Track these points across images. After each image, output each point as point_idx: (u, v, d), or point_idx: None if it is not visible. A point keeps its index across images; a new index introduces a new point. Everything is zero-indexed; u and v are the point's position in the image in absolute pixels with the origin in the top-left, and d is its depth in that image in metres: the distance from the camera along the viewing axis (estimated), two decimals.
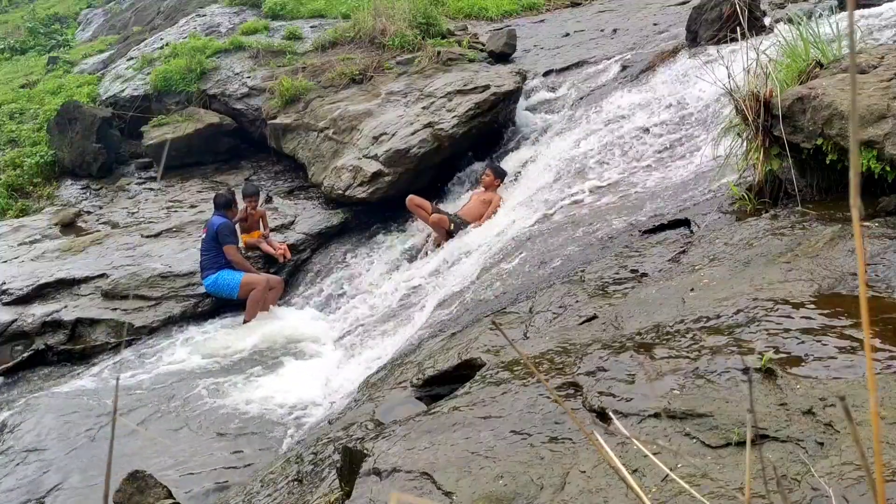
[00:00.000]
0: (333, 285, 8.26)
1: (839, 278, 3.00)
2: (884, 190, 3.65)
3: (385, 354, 5.92)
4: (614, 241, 4.77)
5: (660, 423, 2.32)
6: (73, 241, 9.19)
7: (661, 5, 12.07)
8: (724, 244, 3.79)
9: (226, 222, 7.95)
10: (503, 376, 3.00)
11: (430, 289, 6.97)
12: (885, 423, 2.06)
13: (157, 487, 3.78)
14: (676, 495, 1.98)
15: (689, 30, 8.51)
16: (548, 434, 2.45)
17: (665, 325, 3.00)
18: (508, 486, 2.21)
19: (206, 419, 5.93)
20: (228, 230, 7.93)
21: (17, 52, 19.06)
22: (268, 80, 10.96)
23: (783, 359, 2.48)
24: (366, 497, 2.41)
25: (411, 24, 11.17)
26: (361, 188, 8.62)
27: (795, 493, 1.91)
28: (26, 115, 12.74)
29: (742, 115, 4.33)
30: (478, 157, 9.23)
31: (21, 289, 8.08)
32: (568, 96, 9.41)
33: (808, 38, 4.55)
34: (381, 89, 9.99)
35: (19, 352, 7.48)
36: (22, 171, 11.15)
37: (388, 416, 3.42)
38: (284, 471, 3.79)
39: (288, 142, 10.10)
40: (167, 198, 10.33)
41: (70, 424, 6.00)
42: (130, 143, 11.58)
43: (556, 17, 13.81)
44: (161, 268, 8.29)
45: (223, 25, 13.35)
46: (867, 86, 3.83)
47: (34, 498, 5.13)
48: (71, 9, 22.64)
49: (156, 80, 11.64)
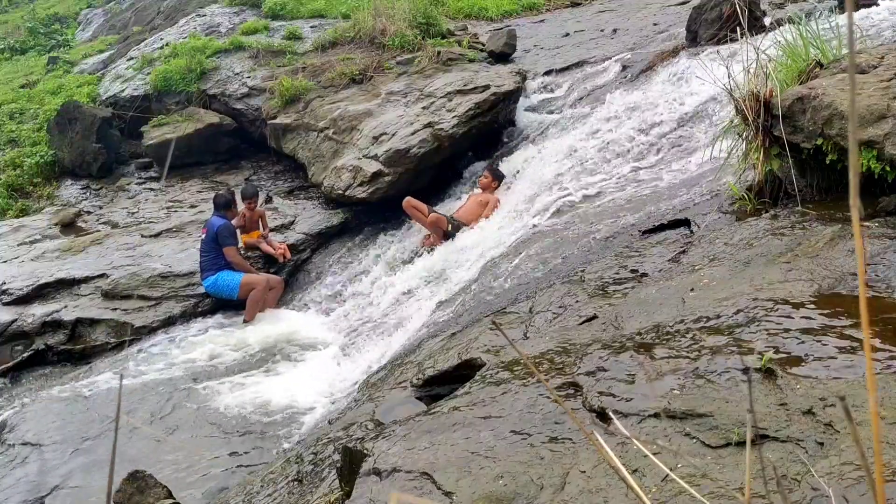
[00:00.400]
0: (333, 285, 8.26)
1: (839, 278, 3.00)
2: (884, 190, 3.65)
3: (385, 354, 5.92)
4: (614, 241, 4.77)
5: (660, 423, 2.32)
6: (73, 241, 9.19)
7: (661, 5, 12.07)
8: (724, 244, 3.79)
9: (225, 223, 7.94)
10: (503, 376, 3.00)
11: (429, 289, 6.97)
12: (885, 423, 2.06)
13: (158, 487, 3.78)
14: (676, 495, 1.98)
15: (689, 30, 8.52)
16: (548, 434, 2.45)
17: (665, 325, 3.00)
18: (508, 486, 2.21)
19: (206, 419, 5.93)
20: (228, 232, 7.93)
21: (17, 52, 19.07)
22: (268, 80, 10.96)
23: (783, 359, 2.48)
24: (366, 497, 2.41)
25: (411, 24, 11.17)
26: (361, 188, 8.62)
27: (795, 493, 1.91)
28: (26, 115, 12.74)
29: (742, 115, 4.33)
30: (478, 157, 9.22)
31: (21, 289, 8.09)
32: (568, 96, 9.41)
33: (807, 37, 4.55)
34: (381, 89, 9.99)
35: (19, 352, 7.48)
36: (22, 171, 11.16)
37: (388, 416, 3.42)
38: (284, 471, 3.78)
39: (288, 142, 10.10)
40: (167, 198, 10.33)
41: (70, 424, 6.00)
42: (130, 143, 11.58)
43: (556, 17, 13.81)
44: (161, 268, 8.29)
45: (223, 25, 13.35)
46: (867, 86, 3.83)
47: (34, 498, 5.13)
48: (71, 9, 22.64)
49: (156, 80, 11.64)
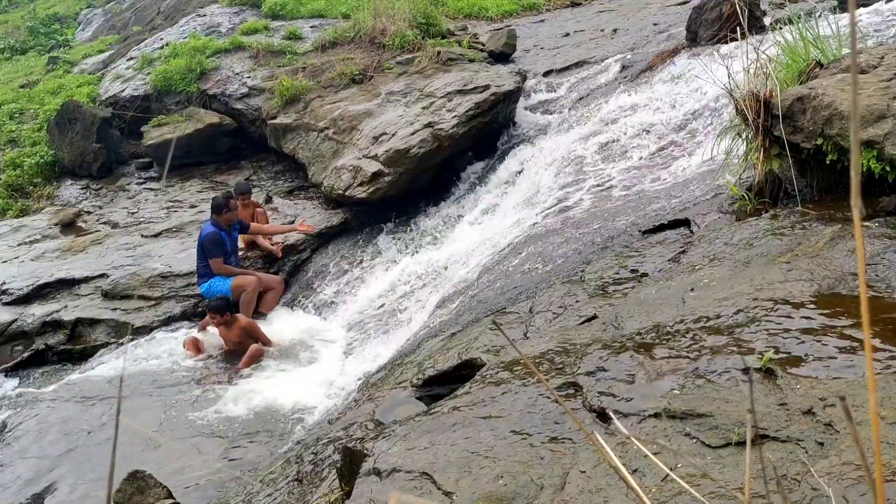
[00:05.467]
0: (333, 285, 8.26)
1: (839, 278, 3.00)
2: (884, 190, 3.65)
3: (385, 354, 5.92)
4: (614, 241, 4.77)
5: (660, 423, 2.32)
6: (73, 241, 9.19)
7: (661, 5, 12.07)
8: (724, 244, 3.79)
9: (212, 233, 7.77)
10: (503, 376, 3.00)
11: (430, 289, 6.97)
12: (885, 423, 2.06)
13: (157, 487, 3.78)
14: (676, 495, 1.98)
15: (689, 30, 8.51)
16: (548, 434, 2.45)
17: (665, 325, 3.00)
18: (508, 486, 2.21)
19: (206, 419, 5.93)
20: (213, 243, 7.75)
21: (17, 52, 19.06)
22: (268, 80, 10.96)
23: (783, 359, 2.48)
24: (366, 497, 2.41)
25: (411, 24, 11.17)
26: (361, 188, 8.62)
27: (795, 493, 1.91)
28: (26, 115, 12.74)
29: (742, 115, 4.33)
30: (478, 157, 9.22)
31: (21, 289, 8.09)
32: (568, 96, 9.41)
33: (808, 37, 4.55)
34: (381, 89, 9.99)
35: (19, 352, 7.48)
36: (22, 171, 11.15)
37: (388, 416, 3.41)
38: (284, 471, 3.78)
39: (288, 142, 10.10)
40: (167, 198, 10.33)
41: (70, 424, 6.01)
42: (130, 143, 11.57)
43: (556, 17, 13.81)
44: (161, 268, 8.29)
45: (223, 25, 13.34)
46: (867, 86, 3.83)
47: (34, 497, 5.13)
48: (71, 9, 22.64)
49: (156, 80, 11.63)
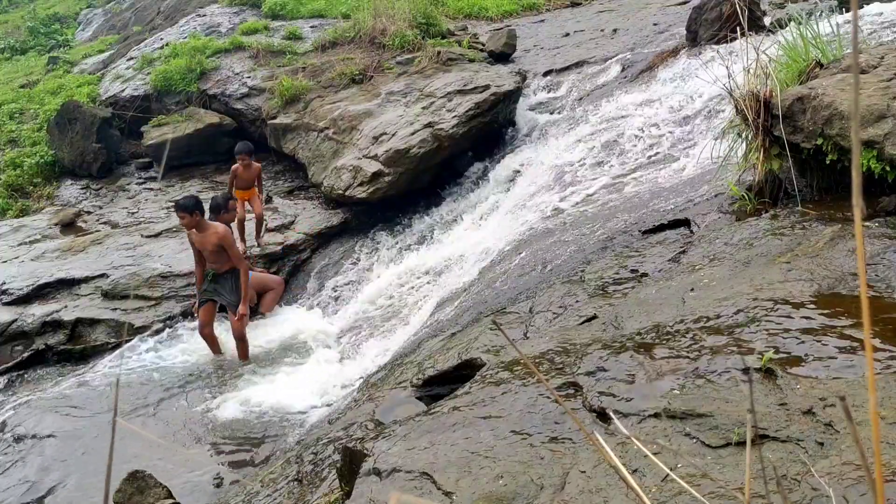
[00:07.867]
0: (333, 285, 8.26)
1: (839, 278, 3.00)
2: (884, 190, 3.65)
3: (385, 354, 5.92)
4: (614, 241, 4.77)
5: (660, 423, 2.32)
6: (73, 241, 9.19)
7: (661, 5, 12.06)
8: (724, 244, 3.79)
9: None
10: (503, 376, 3.00)
11: (430, 289, 6.97)
12: (885, 423, 2.06)
13: (157, 487, 3.78)
14: (676, 495, 1.98)
15: (689, 30, 8.51)
16: (548, 434, 2.45)
17: (665, 325, 3.00)
18: (508, 486, 2.21)
19: (206, 420, 5.93)
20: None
21: (17, 52, 19.06)
22: (268, 80, 10.96)
23: (783, 359, 2.48)
24: (366, 497, 2.41)
25: (411, 24, 11.17)
26: (361, 188, 8.62)
27: (795, 493, 1.91)
28: (26, 115, 12.73)
29: (742, 114, 4.33)
30: (478, 157, 9.22)
31: (21, 289, 8.08)
32: (568, 96, 9.41)
33: (808, 37, 4.55)
34: (381, 89, 9.99)
35: (19, 352, 7.48)
36: (22, 171, 11.15)
37: (388, 416, 3.41)
38: (284, 471, 3.78)
39: (288, 142, 10.10)
40: (167, 198, 10.33)
41: (69, 424, 6.00)
42: (130, 143, 11.57)
43: (556, 17, 13.81)
44: (161, 268, 8.29)
45: (223, 25, 13.34)
46: (867, 86, 3.83)
47: (34, 497, 5.13)
48: (71, 9, 22.65)
49: (156, 80, 11.63)
